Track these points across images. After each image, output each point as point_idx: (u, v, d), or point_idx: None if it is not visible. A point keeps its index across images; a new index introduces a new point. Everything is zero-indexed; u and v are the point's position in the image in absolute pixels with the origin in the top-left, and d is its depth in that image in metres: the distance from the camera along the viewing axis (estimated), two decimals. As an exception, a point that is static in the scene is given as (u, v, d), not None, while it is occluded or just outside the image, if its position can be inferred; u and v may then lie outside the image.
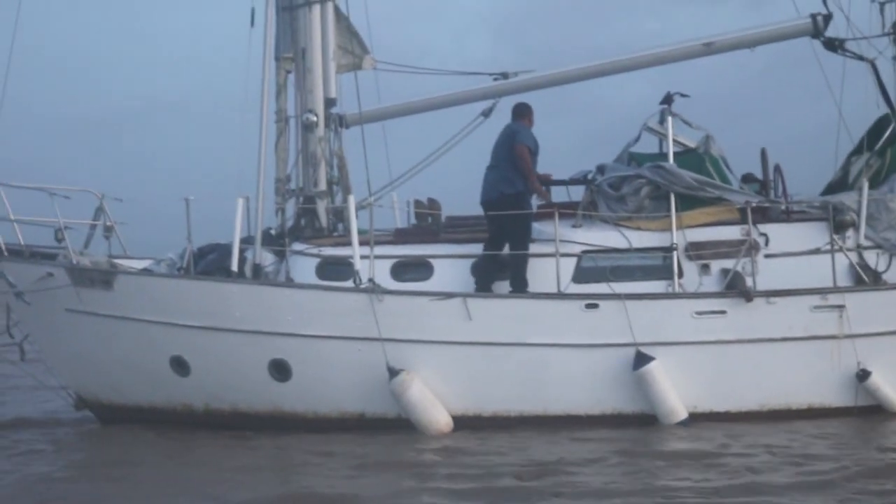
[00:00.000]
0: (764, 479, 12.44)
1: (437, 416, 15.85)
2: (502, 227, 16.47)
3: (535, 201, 16.97)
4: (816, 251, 16.44)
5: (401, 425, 15.86)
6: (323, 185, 18.04)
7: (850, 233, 16.61)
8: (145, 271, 17.45)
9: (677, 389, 15.73)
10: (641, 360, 15.69)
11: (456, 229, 17.63)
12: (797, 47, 18.24)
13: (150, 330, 16.53)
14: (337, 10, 18.30)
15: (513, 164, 16.55)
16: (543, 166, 17.17)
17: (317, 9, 18.05)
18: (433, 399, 15.84)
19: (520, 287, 16.21)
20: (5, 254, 17.12)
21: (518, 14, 50.22)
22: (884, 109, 17.86)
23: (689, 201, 16.63)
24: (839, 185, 17.87)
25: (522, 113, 17.08)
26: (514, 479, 12.86)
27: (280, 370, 16.25)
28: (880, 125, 17.73)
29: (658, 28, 46.96)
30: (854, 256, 16.47)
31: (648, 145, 17.96)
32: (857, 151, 18.01)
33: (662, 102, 17.45)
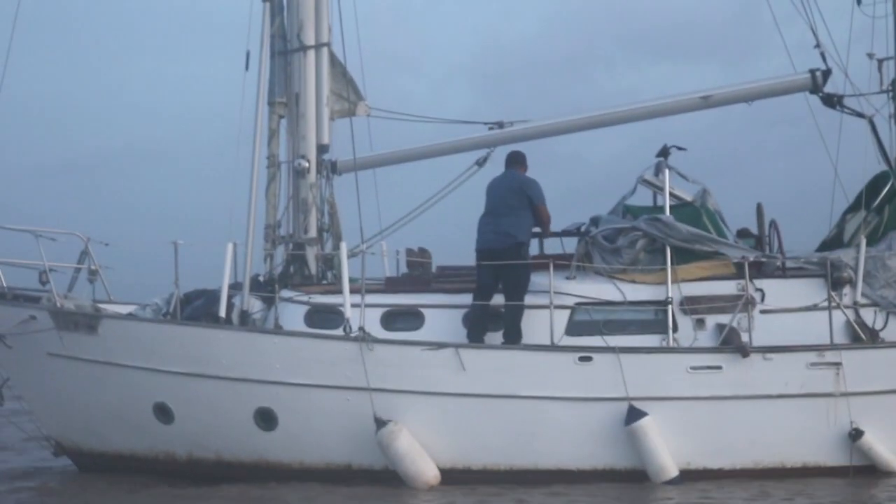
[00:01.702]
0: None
1: (425, 469, 15.54)
2: (503, 277, 16.22)
3: None
4: (813, 307, 16.24)
5: (388, 477, 15.54)
6: (313, 232, 17.81)
7: (846, 290, 16.44)
8: (130, 316, 17.17)
9: (670, 445, 15.46)
10: (634, 415, 15.42)
11: (447, 279, 17.39)
12: (791, 103, 18.24)
13: (134, 376, 16.22)
14: (332, 55, 18.12)
15: (523, 215, 16.43)
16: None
17: (311, 54, 17.88)
18: (421, 451, 15.53)
19: (514, 338, 15.97)
20: (-12, 296, 16.77)
21: (497, 66, 50.30)
22: (882, 167, 17.72)
23: (685, 255, 16.44)
24: (834, 242, 17.75)
25: (521, 161, 16.92)
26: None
27: (266, 419, 15.95)
28: (877, 182, 17.59)
29: (635, 84, 47.11)
30: (851, 314, 16.26)
31: (643, 198, 17.80)
32: (853, 209, 17.88)
33: (659, 155, 17.23)
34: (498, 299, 16.23)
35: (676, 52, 49.56)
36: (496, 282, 16.19)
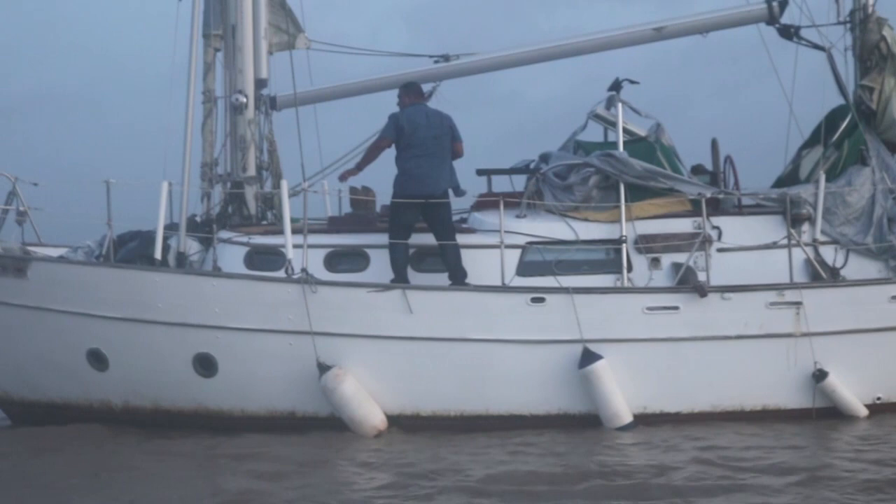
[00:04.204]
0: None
1: (371, 414, 15.06)
2: (440, 218, 15.72)
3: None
4: (772, 245, 15.90)
5: (334, 425, 15.04)
6: (252, 171, 17.19)
7: (805, 227, 16.12)
8: (61, 259, 16.52)
9: (626, 389, 15.05)
10: (588, 357, 14.98)
11: (393, 218, 16.78)
12: (727, 42, 17.81)
13: (66, 321, 15.58)
14: (270, -16, 17.44)
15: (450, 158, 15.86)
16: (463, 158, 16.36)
17: (248, -17, 17.18)
18: (367, 396, 15.05)
19: (462, 277, 15.44)
20: None
21: (433, 5, 49.70)
22: (838, 101, 17.30)
23: (639, 192, 16.05)
24: (790, 178, 17.35)
25: (423, 93, 16.43)
26: (437, 483, 12.20)
27: (205, 365, 15.38)
28: (835, 116, 17.16)
29: (572, 23, 46.65)
30: (811, 251, 15.89)
31: (594, 135, 17.30)
32: (809, 144, 17.46)
33: (611, 89, 16.79)
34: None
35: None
36: (437, 224, 15.71)
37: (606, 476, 12.40)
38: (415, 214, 15.63)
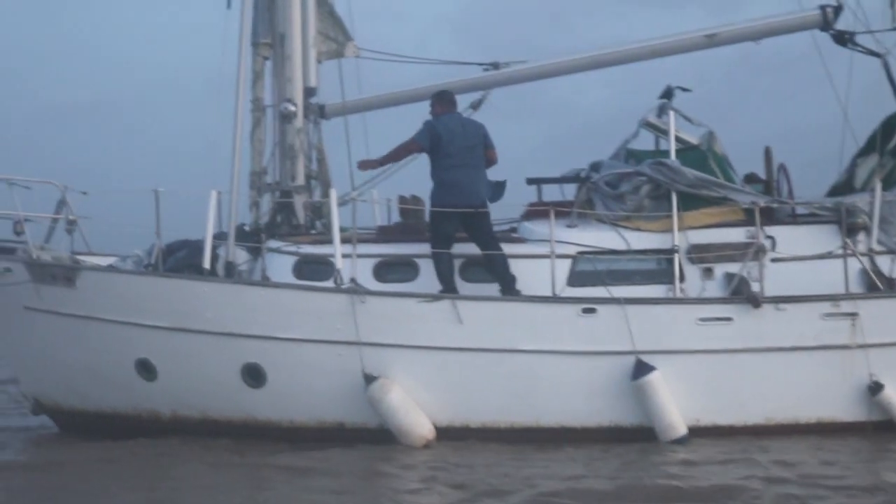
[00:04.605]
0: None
1: (418, 424, 14.92)
2: (483, 229, 15.65)
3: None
4: (827, 255, 15.61)
5: (383, 436, 14.90)
6: (301, 179, 17.07)
7: (861, 237, 15.77)
8: (110, 268, 16.48)
9: (679, 401, 14.84)
10: (642, 369, 14.79)
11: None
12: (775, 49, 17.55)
13: (115, 330, 15.55)
14: (318, -8, 17.35)
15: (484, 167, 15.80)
16: (507, 169, 16.34)
17: (297, -9, 17.08)
18: (414, 406, 14.92)
19: (511, 285, 15.34)
20: (-41, 247, 16.08)
21: (481, 15, 49.76)
22: (894, 107, 17.02)
23: (691, 201, 15.80)
24: (845, 187, 17.05)
25: (455, 102, 16.26)
26: (494, 496, 12.02)
27: (254, 375, 15.30)
28: (891, 124, 16.87)
29: (619, 32, 46.52)
30: (867, 261, 15.61)
31: (645, 142, 17.15)
32: (864, 152, 17.15)
33: (662, 96, 16.67)
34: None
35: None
36: (480, 234, 15.63)
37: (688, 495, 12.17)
38: (455, 225, 15.48)
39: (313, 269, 15.78)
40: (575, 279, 15.56)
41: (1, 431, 17.01)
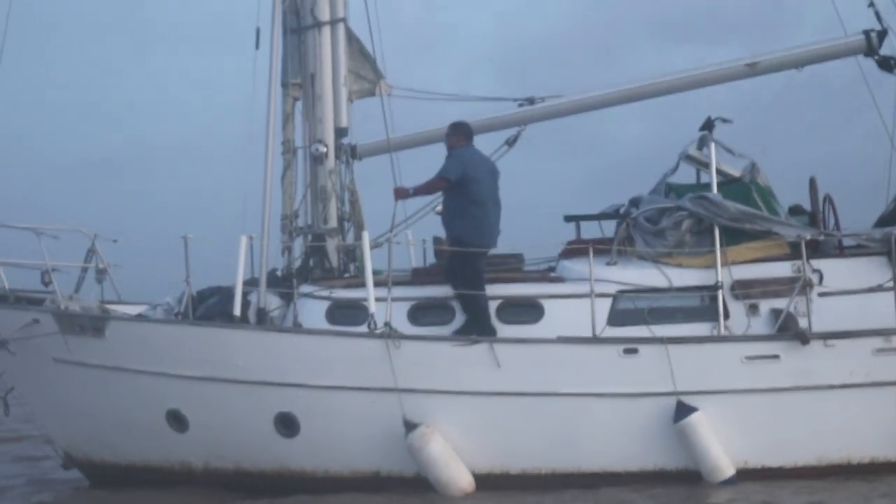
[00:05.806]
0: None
1: (459, 475, 14.54)
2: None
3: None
4: (877, 288, 15.13)
5: (419, 484, 14.57)
6: (334, 222, 16.78)
7: (909, 269, 15.34)
8: (140, 317, 16.21)
9: (725, 443, 14.42)
10: (683, 411, 14.39)
11: (479, 268, 16.33)
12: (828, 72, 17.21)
13: (145, 381, 15.29)
14: (349, 31, 17.08)
15: None
16: (550, 204, 16.03)
17: (327, 30, 16.82)
18: (454, 456, 14.55)
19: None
20: (-13, 299, 15.89)
21: (522, 53, 49.68)
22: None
23: (735, 235, 15.40)
24: (893, 217, 16.55)
25: (472, 135, 16.03)
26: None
27: (287, 424, 15.00)
28: (939, 151, 16.46)
29: (661, 68, 46.32)
30: None
31: (686, 176, 16.73)
32: (913, 181, 16.75)
33: (703, 128, 16.18)
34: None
35: (698, 36, 48.61)
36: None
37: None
38: (484, 263, 15.26)
39: (346, 314, 15.48)
40: (615, 318, 15.17)
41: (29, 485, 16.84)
